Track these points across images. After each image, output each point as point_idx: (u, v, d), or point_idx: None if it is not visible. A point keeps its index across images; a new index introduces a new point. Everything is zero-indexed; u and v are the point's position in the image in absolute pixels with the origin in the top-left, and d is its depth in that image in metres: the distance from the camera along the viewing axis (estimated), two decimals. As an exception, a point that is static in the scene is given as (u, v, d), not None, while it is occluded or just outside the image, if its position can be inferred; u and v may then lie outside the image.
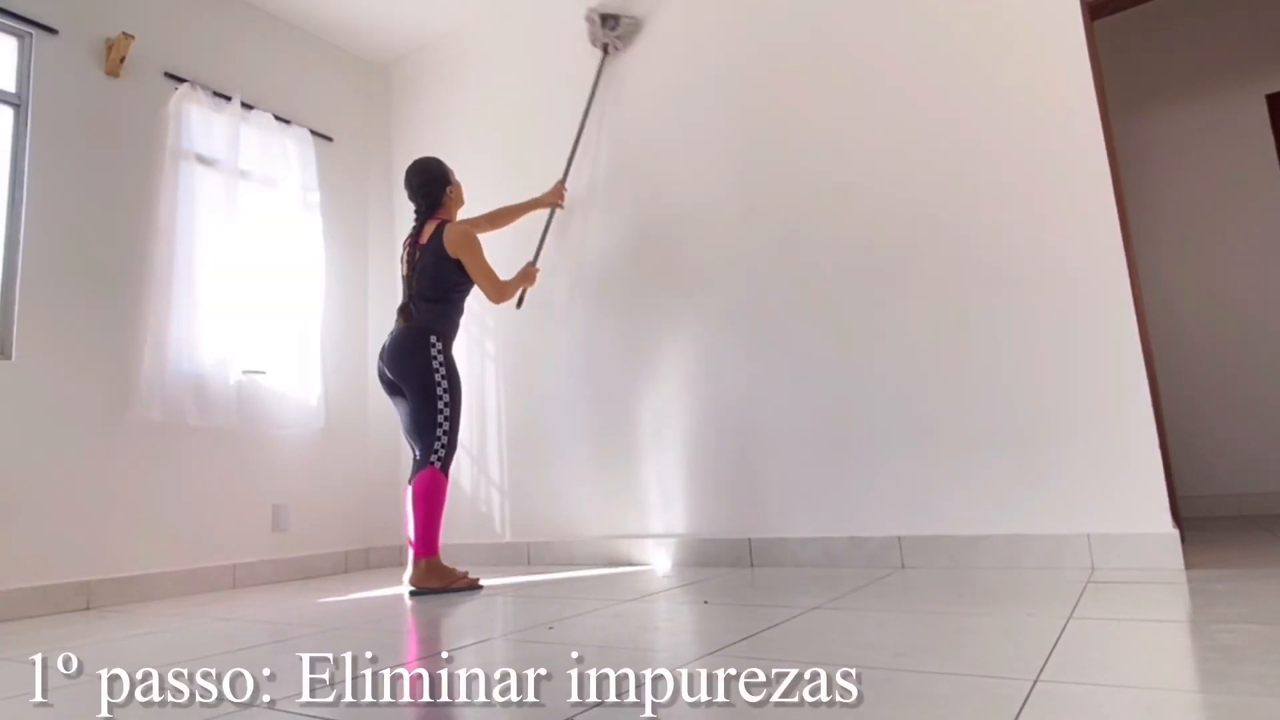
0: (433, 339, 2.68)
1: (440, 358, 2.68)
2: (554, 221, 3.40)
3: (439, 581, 2.54)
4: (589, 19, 3.31)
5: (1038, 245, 2.37)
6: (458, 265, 2.73)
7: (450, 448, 2.65)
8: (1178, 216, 3.86)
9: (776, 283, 2.84)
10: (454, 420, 2.66)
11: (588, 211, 3.38)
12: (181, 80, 3.29)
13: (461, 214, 3.73)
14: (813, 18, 2.87)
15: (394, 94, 4.29)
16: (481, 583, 2.69)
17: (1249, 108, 3.74)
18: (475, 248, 2.74)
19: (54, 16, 2.95)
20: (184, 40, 3.37)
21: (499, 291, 2.80)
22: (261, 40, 3.69)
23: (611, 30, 3.28)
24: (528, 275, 3.00)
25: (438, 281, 2.72)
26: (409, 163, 4.13)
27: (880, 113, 2.69)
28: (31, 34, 2.90)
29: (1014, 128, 2.44)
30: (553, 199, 3.28)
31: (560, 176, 3.38)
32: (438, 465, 2.60)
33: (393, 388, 2.76)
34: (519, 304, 3.22)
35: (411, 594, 2.53)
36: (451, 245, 2.71)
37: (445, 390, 2.65)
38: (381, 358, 2.74)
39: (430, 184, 2.83)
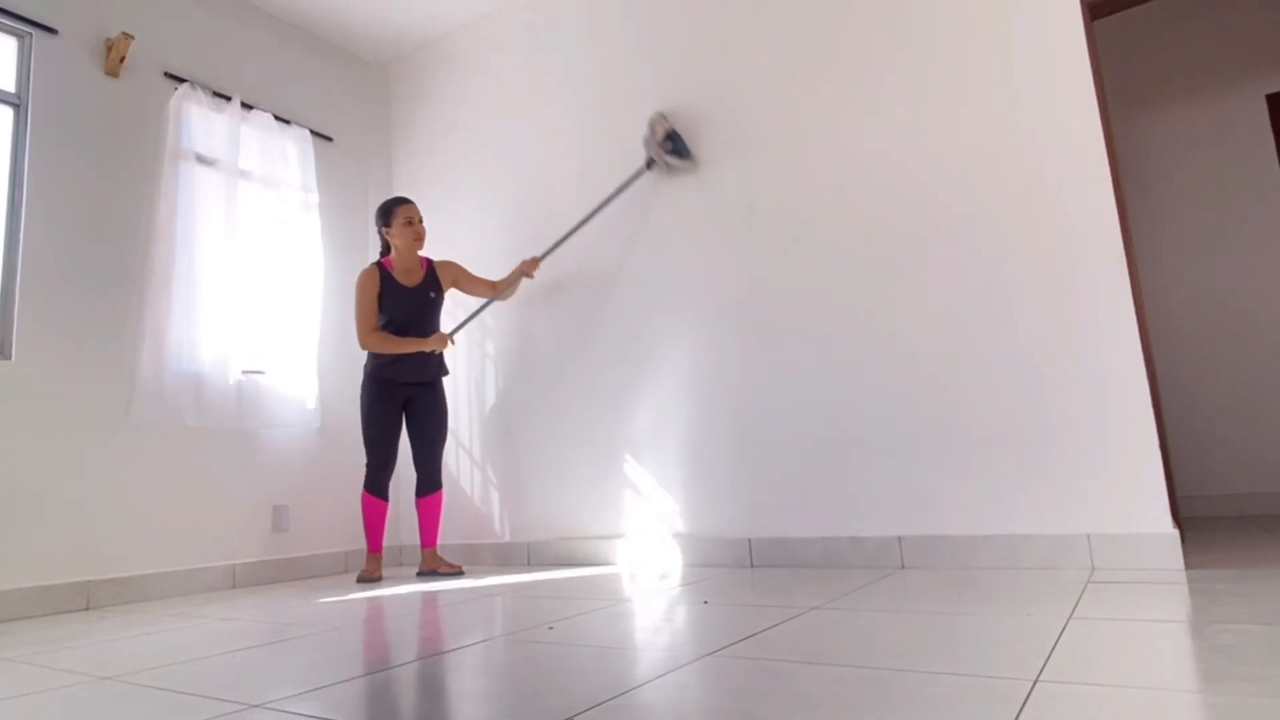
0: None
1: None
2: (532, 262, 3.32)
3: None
4: (653, 124, 2.99)
5: (1037, 245, 2.37)
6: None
7: (368, 467, 3.10)
8: (1177, 216, 3.86)
9: (775, 283, 2.84)
10: (365, 442, 3.12)
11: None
12: (181, 80, 3.29)
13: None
14: (814, 18, 2.87)
15: (394, 94, 4.29)
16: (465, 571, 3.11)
17: (1249, 108, 3.74)
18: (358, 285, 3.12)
19: (54, 16, 2.95)
20: (184, 40, 3.37)
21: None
22: (261, 40, 3.69)
23: (667, 151, 2.96)
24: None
25: None
26: (409, 162, 4.15)
27: (880, 112, 2.68)
28: (31, 34, 2.89)
29: (1014, 128, 2.44)
30: (525, 269, 3.28)
31: (539, 254, 3.31)
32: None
33: None
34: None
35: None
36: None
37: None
38: None
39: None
